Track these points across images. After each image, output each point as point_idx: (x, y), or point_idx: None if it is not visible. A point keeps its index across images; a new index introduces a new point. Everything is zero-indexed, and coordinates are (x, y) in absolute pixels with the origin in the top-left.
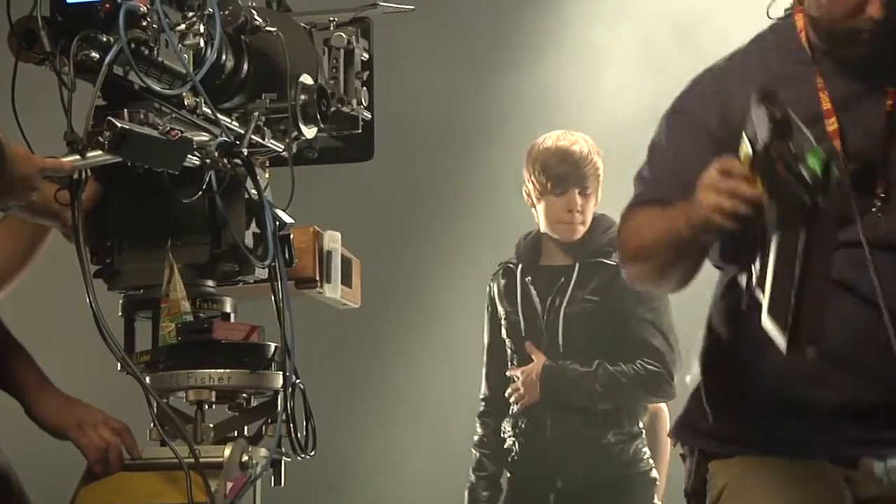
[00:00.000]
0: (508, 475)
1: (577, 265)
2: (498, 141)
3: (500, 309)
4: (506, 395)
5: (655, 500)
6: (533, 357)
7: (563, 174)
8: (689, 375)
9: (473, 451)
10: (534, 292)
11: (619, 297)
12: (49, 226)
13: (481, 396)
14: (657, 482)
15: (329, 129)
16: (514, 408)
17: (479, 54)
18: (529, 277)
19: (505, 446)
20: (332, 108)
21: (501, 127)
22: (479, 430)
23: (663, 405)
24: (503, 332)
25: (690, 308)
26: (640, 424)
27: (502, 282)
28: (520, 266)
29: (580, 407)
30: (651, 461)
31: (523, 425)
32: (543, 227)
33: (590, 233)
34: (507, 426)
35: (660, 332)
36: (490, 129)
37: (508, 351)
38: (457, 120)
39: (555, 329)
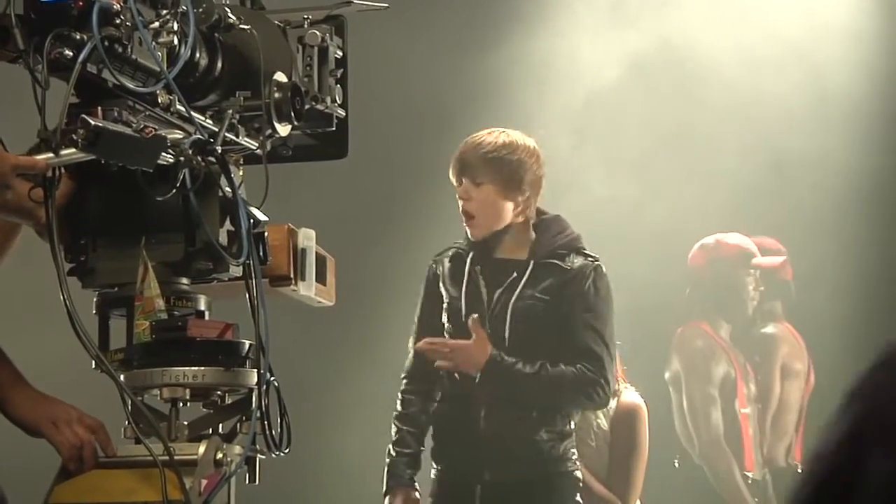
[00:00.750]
0: (432, 463)
1: (532, 262)
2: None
3: (442, 290)
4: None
5: (577, 498)
6: (475, 334)
7: (459, 159)
8: (668, 372)
9: (394, 424)
10: (481, 282)
11: (568, 300)
12: (20, 223)
13: (404, 373)
14: (580, 483)
15: (303, 127)
16: (445, 392)
17: (452, 47)
18: (479, 267)
19: (431, 433)
20: (307, 106)
21: (478, 118)
22: (400, 406)
23: (642, 403)
24: (444, 315)
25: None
26: (572, 424)
27: (447, 265)
28: (471, 254)
29: (516, 402)
30: (577, 461)
31: (454, 410)
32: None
33: (540, 232)
34: (435, 413)
35: (602, 339)
36: (465, 120)
37: (447, 335)
38: (432, 111)
39: (501, 322)
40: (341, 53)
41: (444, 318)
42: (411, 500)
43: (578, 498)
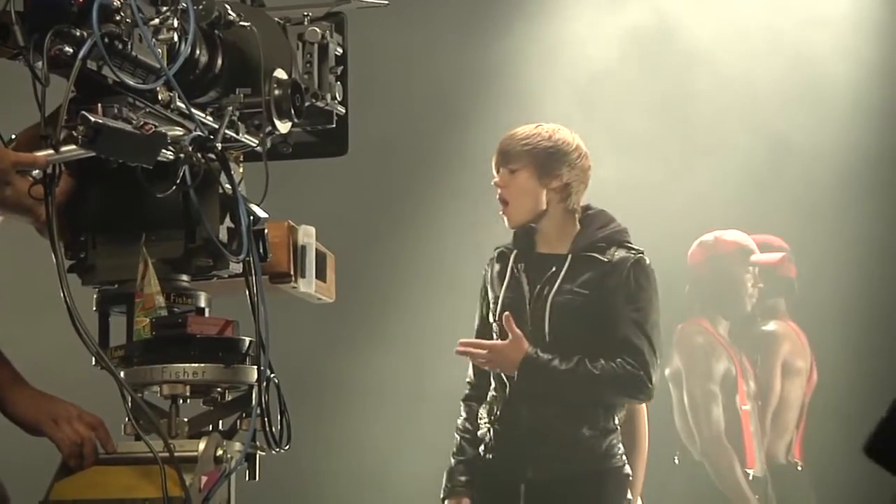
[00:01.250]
0: (480, 463)
1: (570, 256)
2: (478, 125)
3: (490, 293)
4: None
5: (628, 496)
6: (510, 333)
7: (499, 151)
8: (668, 369)
9: (455, 434)
10: (524, 279)
11: (609, 293)
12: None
13: (467, 380)
14: (630, 478)
15: (303, 124)
16: (492, 393)
17: (452, 41)
18: (522, 264)
19: (479, 433)
20: (307, 103)
21: (479, 112)
22: (462, 413)
23: None
24: (491, 315)
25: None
26: (616, 420)
27: (496, 266)
28: (514, 252)
29: (557, 399)
30: (624, 457)
31: (498, 412)
32: None
33: (584, 226)
34: (483, 412)
35: (643, 333)
36: (466, 116)
37: (494, 335)
38: (433, 107)
39: (541, 317)
40: (341, 50)
41: (493, 319)
42: None
43: (629, 496)
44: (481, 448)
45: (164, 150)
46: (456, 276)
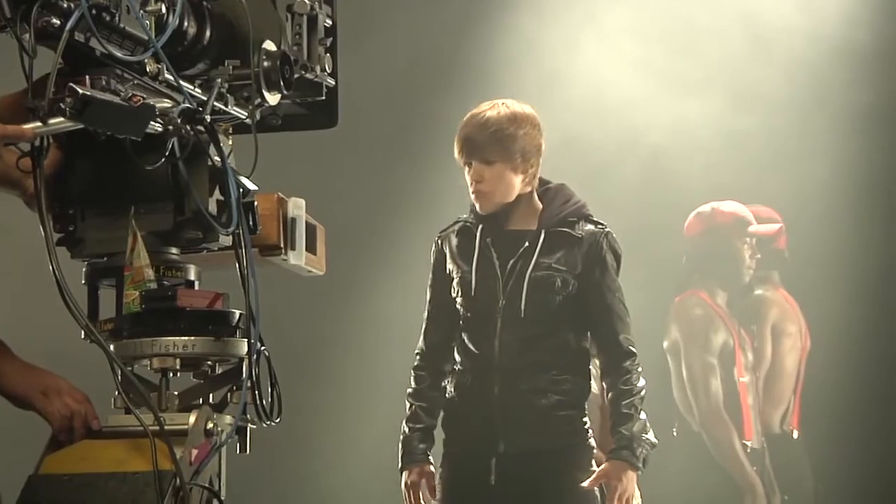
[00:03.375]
0: (444, 437)
1: (543, 232)
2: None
3: (450, 266)
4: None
5: (593, 468)
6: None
7: (466, 142)
8: (666, 341)
9: (407, 402)
10: (493, 254)
11: (585, 267)
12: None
13: (417, 351)
14: (594, 451)
15: (293, 96)
16: (458, 367)
17: (445, 12)
18: (489, 239)
19: (447, 406)
20: (296, 75)
21: (471, 82)
22: (413, 383)
23: None
24: (453, 290)
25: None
26: (587, 396)
27: (455, 240)
28: (480, 226)
29: (531, 373)
30: (590, 430)
31: (468, 385)
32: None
33: (547, 202)
34: (449, 387)
35: (622, 302)
36: (456, 86)
37: (460, 309)
38: (424, 77)
39: (517, 293)
40: (331, 22)
41: (455, 294)
42: (426, 473)
43: (594, 467)
44: (450, 420)
45: (152, 122)
46: None
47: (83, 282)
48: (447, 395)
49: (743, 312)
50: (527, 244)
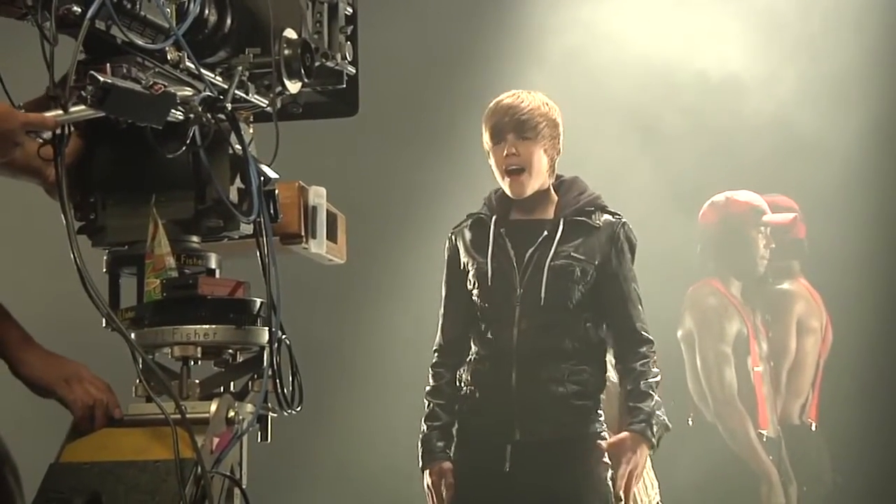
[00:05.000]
0: (457, 425)
1: (562, 220)
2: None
3: (464, 260)
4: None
5: (605, 459)
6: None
7: (499, 122)
8: (680, 330)
9: (426, 400)
10: (508, 244)
11: (605, 257)
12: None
13: (435, 347)
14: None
15: (313, 85)
16: (474, 356)
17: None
18: (503, 229)
19: (462, 394)
20: (317, 63)
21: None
22: (431, 380)
23: None
24: (469, 283)
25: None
26: (604, 385)
27: (468, 234)
28: (493, 218)
29: (549, 361)
30: (604, 423)
31: (486, 372)
32: (500, 183)
33: (563, 193)
34: (465, 375)
35: (636, 291)
36: (474, 77)
37: (477, 301)
38: (445, 67)
39: (537, 282)
40: (351, 10)
41: (471, 286)
42: (445, 472)
43: (606, 458)
44: (465, 408)
45: (173, 111)
46: None
47: (104, 270)
48: (463, 383)
49: (759, 303)
50: (546, 233)
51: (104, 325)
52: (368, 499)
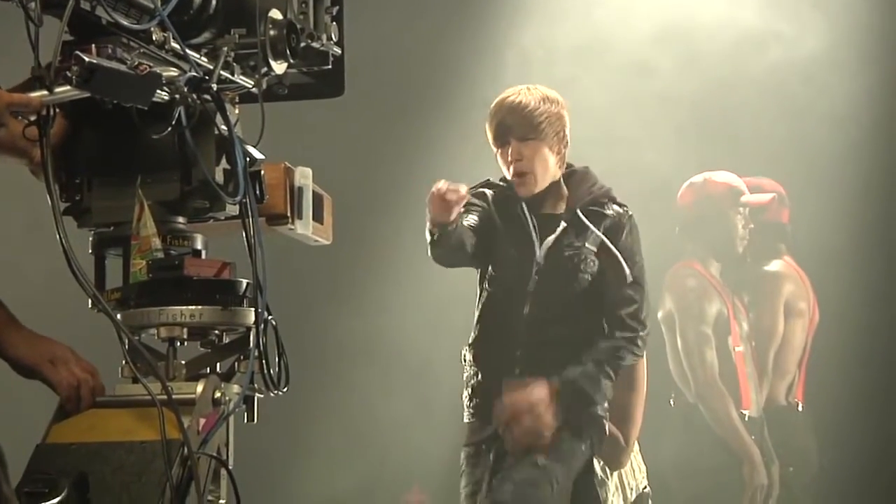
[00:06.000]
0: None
1: (577, 212)
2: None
3: (497, 218)
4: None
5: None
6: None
7: (501, 124)
8: (660, 312)
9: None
10: (533, 232)
11: (615, 244)
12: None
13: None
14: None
15: (299, 66)
16: (469, 373)
17: None
18: (533, 216)
19: (465, 376)
20: (302, 44)
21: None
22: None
23: None
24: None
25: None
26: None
27: (498, 203)
28: (522, 203)
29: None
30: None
31: (490, 351)
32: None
33: (575, 185)
34: (469, 356)
35: (643, 285)
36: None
37: (490, 271)
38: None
39: (560, 272)
40: None
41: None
42: None
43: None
44: (467, 392)
45: (159, 91)
46: None
47: (90, 251)
48: (465, 364)
49: (739, 283)
50: (563, 224)
51: (90, 306)
52: (356, 477)
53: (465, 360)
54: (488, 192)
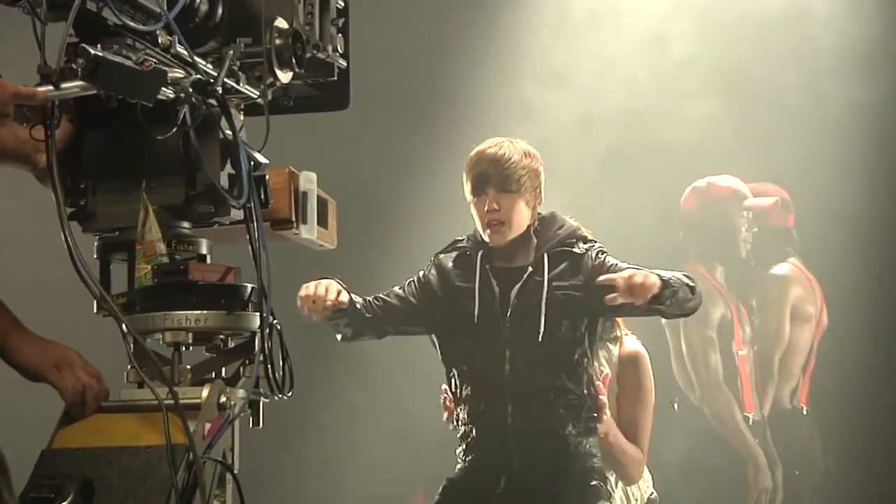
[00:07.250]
0: (461, 463)
1: (545, 255)
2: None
3: (440, 289)
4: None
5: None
6: None
7: (481, 175)
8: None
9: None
10: (492, 280)
11: (589, 276)
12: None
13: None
14: (602, 474)
15: (304, 77)
16: (468, 392)
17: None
18: (489, 266)
19: (459, 434)
20: (308, 54)
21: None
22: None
23: (643, 350)
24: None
25: None
26: (599, 420)
27: (454, 259)
28: (480, 252)
29: (543, 394)
30: (598, 456)
31: (482, 409)
32: (480, 232)
33: (541, 231)
34: (462, 414)
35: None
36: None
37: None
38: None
39: (536, 317)
40: (343, 3)
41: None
42: None
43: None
44: (462, 448)
45: (163, 89)
46: (458, 225)
47: (95, 256)
48: (460, 424)
49: (742, 287)
50: (531, 269)
51: (95, 310)
52: (360, 483)
53: (458, 420)
54: (448, 261)
